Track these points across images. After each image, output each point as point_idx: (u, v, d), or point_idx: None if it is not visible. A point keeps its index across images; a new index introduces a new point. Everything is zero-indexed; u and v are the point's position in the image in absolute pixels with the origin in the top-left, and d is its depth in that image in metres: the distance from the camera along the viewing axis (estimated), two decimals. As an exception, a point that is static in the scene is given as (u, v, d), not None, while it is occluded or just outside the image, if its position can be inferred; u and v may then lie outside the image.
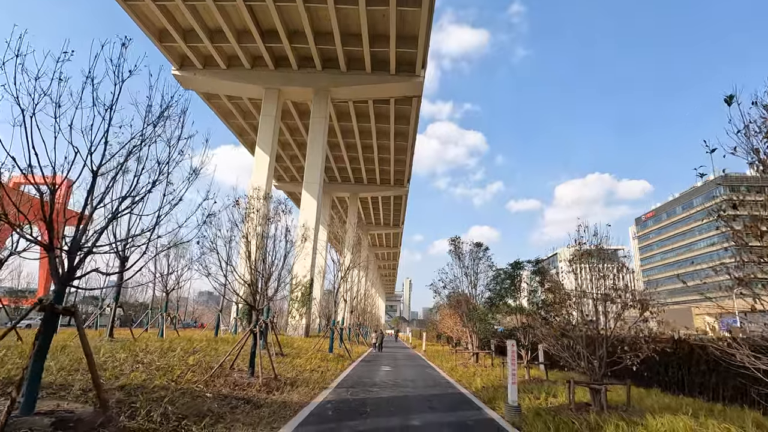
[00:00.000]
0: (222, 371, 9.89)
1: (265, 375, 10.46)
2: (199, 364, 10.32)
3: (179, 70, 31.62)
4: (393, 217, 63.54)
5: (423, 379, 13.28)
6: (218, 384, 8.66)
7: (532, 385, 11.50)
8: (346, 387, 10.94)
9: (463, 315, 17.40)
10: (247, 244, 9.91)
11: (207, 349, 13.15)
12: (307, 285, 29.26)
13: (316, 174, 31.61)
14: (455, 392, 10.99)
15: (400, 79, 31.26)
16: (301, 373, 12.09)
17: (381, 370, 15.66)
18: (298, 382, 10.73)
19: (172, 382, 8.02)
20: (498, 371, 14.60)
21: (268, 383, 9.49)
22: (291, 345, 20.52)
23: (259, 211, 10.35)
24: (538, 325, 9.74)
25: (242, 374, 9.98)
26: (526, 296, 12.82)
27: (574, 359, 8.83)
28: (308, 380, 11.04)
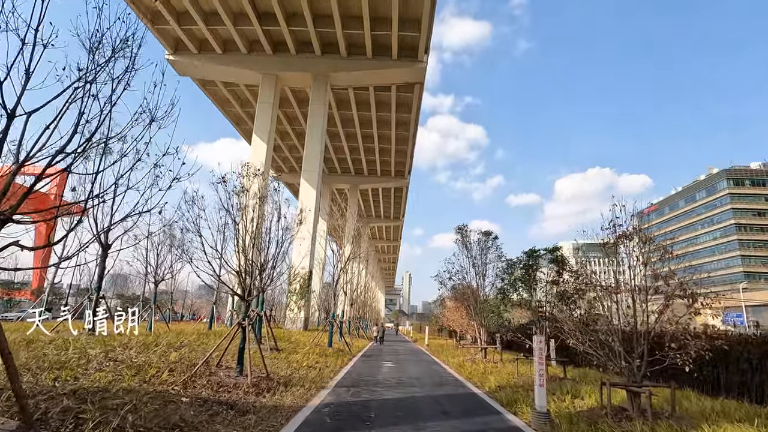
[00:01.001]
0: (206, 369, 8.70)
1: (256, 373, 9.27)
2: (182, 361, 9.13)
3: (173, 54, 30.23)
4: (393, 210, 62.29)
5: (430, 377, 12.11)
6: (199, 385, 7.46)
7: (551, 384, 10.31)
8: (347, 386, 9.76)
9: (471, 307, 16.22)
10: (234, 226, 8.68)
11: (195, 344, 11.97)
12: (305, 277, 28.08)
13: (315, 162, 30.33)
14: (467, 393, 9.81)
15: (402, 65, 29.91)
16: (297, 371, 10.90)
17: (384, 366, 14.49)
18: (293, 381, 9.54)
19: (143, 383, 6.82)
20: (510, 368, 13.43)
21: (259, 383, 8.29)
22: (288, 339, 19.36)
23: (248, 190, 9.11)
24: (563, 319, 8.51)
25: (230, 373, 8.78)
26: (543, 287, 11.64)
27: (609, 357, 7.63)
28: (304, 379, 9.86)
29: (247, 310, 8.80)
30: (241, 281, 8.76)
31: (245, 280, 8.78)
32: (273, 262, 10.21)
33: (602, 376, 11.48)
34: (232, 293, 8.97)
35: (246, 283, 8.81)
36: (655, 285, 7.41)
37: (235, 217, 8.70)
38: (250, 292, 8.90)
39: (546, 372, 11.44)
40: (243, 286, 8.79)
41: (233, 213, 8.63)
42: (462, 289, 17.99)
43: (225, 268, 9.26)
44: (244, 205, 8.90)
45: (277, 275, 15.08)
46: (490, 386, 10.24)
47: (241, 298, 8.86)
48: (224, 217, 8.80)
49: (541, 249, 11.93)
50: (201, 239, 8.31)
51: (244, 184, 9.21)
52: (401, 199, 57.80)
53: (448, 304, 23.42)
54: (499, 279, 12.54)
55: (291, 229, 14.60)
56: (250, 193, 9.24)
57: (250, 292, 8.85)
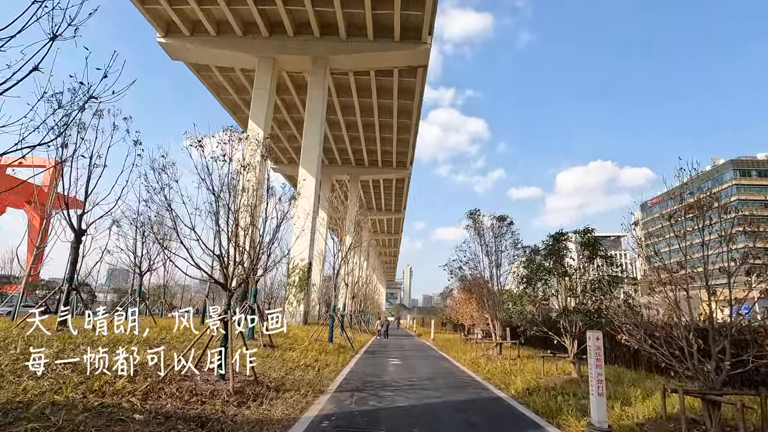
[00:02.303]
0: (180, 373, 7.16)
1: (241, 377, 7.73)
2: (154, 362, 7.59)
3: (165, 37, 28.53)
4: (395, 202, 60.65)
5: (443, 377, 10.58)
6: (166, 394, 5.91)
7: (586, 386, 8.77)
8: (350, 390, 8.21)
9: (484, 299, 14.70)
10: (215, 201, 7.10)
11: (179, 341, 10.42)
12: (304, 269, 26.55)
13: (314, 150, 28.70)
14: (491, 397, 8.27)
15: (405, 47, 28.21)
16: (292, 371, 9.36)
17: (390, 364, 12.96)
18: (287, 384, 8.00)
19: (90, 393, 5.27)
20: (532, 366, 11.90)
21: (243, 389, 6.75)
22: (286, 334, 17.82)
23: (230, 159, 7.51)
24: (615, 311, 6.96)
25: (210, 376, 7.24)
26: (574, 273, 10.08)
27: (677, 358, 6.08)
28: (300, 382, 8.32)
29: (230, 301, 7.23)
30: (223, 267, 7.18)
31: (227, 266, 7.21)
32: (261, 245, 8.66)
33: (646, 377, 9.96)
34: (211, 280, 7.40)
35: (228, 269, 7.24)
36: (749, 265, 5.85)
37: (214, 189, 7.11)
38: (234, 280, 7.33)
39: (578, 371, 9.92)
40: (224, 272, 7.22)
41: (209, 183, 7.05)
42: (474, 280, 16.45)
43: (206, 252, 7.68)
44: (228, 174, 7.32)
45: (272, 263, 13.56)
46: (516, 389, 8.69)
47: (222, 287, 7.29)
48: (200, 185, 7.21)
49: (570, 231, 10.39)
50: (172, 215, 6.73)
51: (225, 151, 7.62)
52: (403, 191, 56.15)
53: (457, 295, 21.88)
54: (522, 266, 11.00)
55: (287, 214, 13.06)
56: (233, 162, 7.65)
57: (233, 280, 7.28)
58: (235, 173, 7.64)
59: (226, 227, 7.34)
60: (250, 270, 7.64)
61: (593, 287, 9.51)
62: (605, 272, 9.82)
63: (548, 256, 10.41)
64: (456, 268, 16.23)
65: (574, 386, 8.85)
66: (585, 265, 10.11)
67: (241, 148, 7.72)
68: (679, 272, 6.44)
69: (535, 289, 10.53)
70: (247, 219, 7.98)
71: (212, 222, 7.23)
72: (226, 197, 7.38)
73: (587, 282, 9.83)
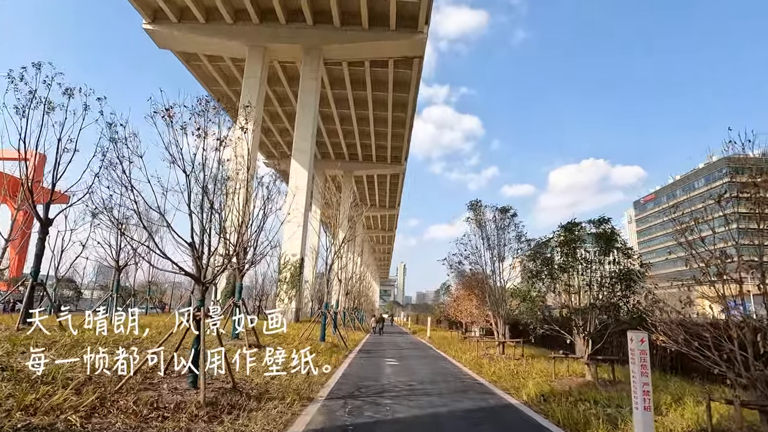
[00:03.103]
0: (145, 379, 6.12)
1: (219, 383, 6.69)
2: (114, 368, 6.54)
3: (152, 24, 27.26)
4: (389, 198, 59.64)
5: (445, 380, 9.60)
6: (120, 408, 4.85)
7: (609, 391, 7.84)
8: (342, 397, 7.20)
9: (487, 295, 13.78)
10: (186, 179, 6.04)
11: (153, 341, 9.36)
12: (296, 264, 25.50)
13: (307, 142, 27.62)
14: (502, 404, 7.30)
15: (401, 36, 27.20)
16: (278, 376, 8.32)
17: (386, 365, 11.97)
18: (271, 391, 6.98)
19: (18, 410, 4.21)
20: (540, 367, 10.97)
21: (217, 399, 5.71)
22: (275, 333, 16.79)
23: (205, 133, 6.45)
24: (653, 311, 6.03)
25: (180, 383, 6.20)
26: (588, 267, 9.14)
27: (726, 363, 5.14)
28: (286, 387, 7.30)
29: (204, 296, 6.18)
30: (195, 256, 6.13)
31: (200, 256, 6.15)
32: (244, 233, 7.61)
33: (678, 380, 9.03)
34: (180, 272, 6.35)
35: (202, 260, 6.18)
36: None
37: (184, 166, 6.05)
38: (217, 271, 6.29)
39: (593, 373, 8.98)
40: (197, 263, 6.17)
41: (177, 157, 5.98)
42: (474, 276, 15.51)
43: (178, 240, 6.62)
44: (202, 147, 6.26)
45: (258, 256, 12.50)
46: (528, 394, 7.73)
47: (195, 281, 6.24)
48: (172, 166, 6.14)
49: (584, 221, 9.46)
50: (133, 194, 5.66)
51: (200, 124, 6.56)
52: (397, 187, 55.14)
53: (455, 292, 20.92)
54: (531, 260, 10.07)
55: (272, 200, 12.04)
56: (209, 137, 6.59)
57: (207, 272, 6.23)
58: (210, 149, 6.58)
59: (201, 212, 6.29)
60: (228, 260, 6.59)
61: (613, 281, 8.57)
62: (623, 265, 8.89)
63: (560, 248, 9.45)
64: (456, 263, 15.31)
65: (593, 391, 7.91)
66: (600, 258, 9.17)
67: (217, 120, 6.66)
68: (732, 261, 5.49)
69: (544, 283, 9.58)
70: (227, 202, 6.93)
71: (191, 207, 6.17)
72: (201, 177, 6.33)
73: (605, 276, 8.90)
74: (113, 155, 5.79)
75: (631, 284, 8.38)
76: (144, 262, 18.92)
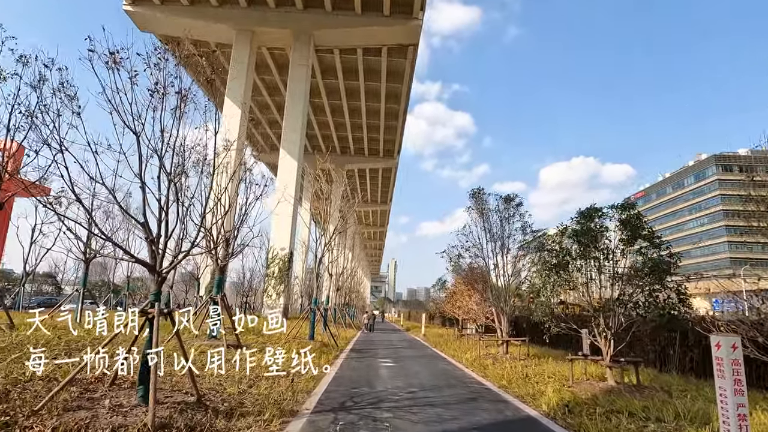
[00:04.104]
0: (84, 392, 4.85)
1: (180, 395, 5.44)
2: (49, 378, 5.27)
3: (132, 5, 25.67)
4: (381, 193, 58.34)
5: (448, 385, 8.43)
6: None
7: (638, 398, 6.73)
8: (332, 410, 5.98)
9: (489, 291, 12.65)
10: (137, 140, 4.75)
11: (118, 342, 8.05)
12: (285, 259, 24.18)
13: (296, 131, 26.27)
14: (521, 418, 6.13)
15: (395, 22, 25.90)
16: (258, 382, 7.09)
17: (381, 366, 10.78)
18: (246, 404, 5.74)
19: None
20: (552, 369, 9.87)
21: (172, 420, 4.45)
22: (260, 331, 15.49)
23: (163, 88, 5.18)
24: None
25: (128, 399, 4.92)
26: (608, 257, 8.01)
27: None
28: (265, 398, 6.06)
29: (159, 289, 4.91)
30: (148, 239, 4.85)
31: (154, 239, 4.88)
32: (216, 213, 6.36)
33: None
34: (130, 259, 5.07)
35: (157, 243, 4.91)
36: None
37: (134, 126, 4.76)
38: (165, 259, 5.00)
39: (619, 379, 7.87)
40: (151, 247, 4.89)
41: (122, 112, 4.69)
42: (472, 271, 14.37)
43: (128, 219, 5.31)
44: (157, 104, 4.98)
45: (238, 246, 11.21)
46: (549, 404, 6.59)
47: (148, 269, 4.95)
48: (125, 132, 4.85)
49: (605, 207, 8.34)
50: (63, 157, 4.36)
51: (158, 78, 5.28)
52: (389, 182, 53.86)
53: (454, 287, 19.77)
54: (546, 252, 8.94)
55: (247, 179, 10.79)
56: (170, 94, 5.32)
57: (164, 259, 4.95)
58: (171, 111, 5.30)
59: (159, 183, 5.01)
60: (194, 245, 5.30)
61: (642, 273, 7.46)
62: (649, 255, 7.79)
63: (578, 237, 8.31)
64: (455, 256, 14.15)
65: (621, 399, 6.80)
66: (624, 248, 8.05)
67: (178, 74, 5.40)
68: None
69: (561, 277, 8.44)
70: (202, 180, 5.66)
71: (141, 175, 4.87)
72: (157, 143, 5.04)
73: (632, 268, 7.79)
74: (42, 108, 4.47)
75: (664, 277, 7.28)
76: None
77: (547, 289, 8.58)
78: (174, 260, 5.07)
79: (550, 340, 15.90)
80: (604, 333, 7.94)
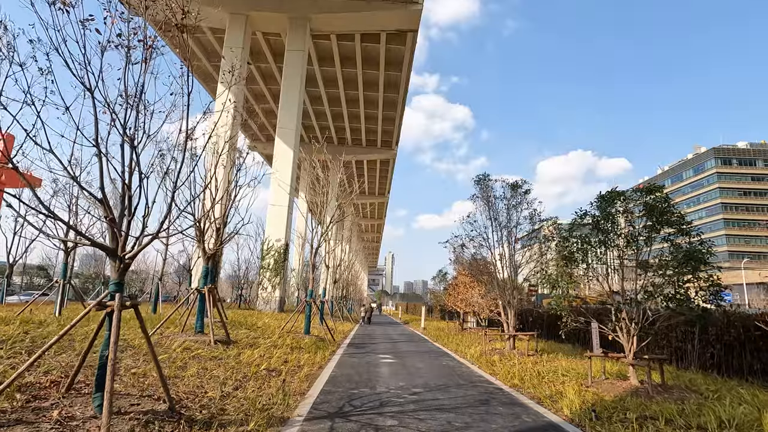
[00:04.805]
0: (31, 401, 4.03)
1: (150, 402, 4.63)
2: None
3: (121, -13, 24.43)
4: (378, 185, 57.51)
5: (456, 384, 7.67)
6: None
7: (668, 400, 5.98)
8: (328, 416, 5.20)
9: (495, 282, 11.87)
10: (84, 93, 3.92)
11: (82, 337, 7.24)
12: (280, 250, 23.36)
13: (292, 119, 25.34)
14: (545, 425, 5.36)
15: (394, 6, 24.94)
16: (244, 383, 6.30)
17: (381, 363, 10.01)
18: (229, 410, 4.95)
19: None
20: (563, 365, 9.15)
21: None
22: (254, 324, 14.72)
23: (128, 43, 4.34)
24: None
25: (87, 407, 4.12)
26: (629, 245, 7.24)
27: None
28: (251, 404, 5.27)
29: (122, 278, 4.08)
30: (107, 218, 4.02)
31: (115, 218, 4.04)
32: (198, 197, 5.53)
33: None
34: (86, 243, 4.25)
35: (119, 224, 4.08)
36: None
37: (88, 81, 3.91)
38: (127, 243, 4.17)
39: (646, 379, 7.13)
40: (111, 227, 4.06)
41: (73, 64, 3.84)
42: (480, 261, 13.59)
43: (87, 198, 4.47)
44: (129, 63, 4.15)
45: (226, 235, 10.37)
46: (572, 407, 5.84)
47: (108, 254, 4.12)
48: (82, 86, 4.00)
49: (628, 190, 7.55)
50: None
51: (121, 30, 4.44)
52: (387, 173, 53.02)
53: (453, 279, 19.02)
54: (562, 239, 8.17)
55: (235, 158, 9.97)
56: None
57: (126, 242, 4.11)
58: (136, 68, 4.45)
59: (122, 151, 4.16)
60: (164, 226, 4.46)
61: (676, 262, 6.68)
62: (680, 243, 7.02)
63: (599, 222, 7.53)
64: (458, 245, 13.37)
65: (650, 402, 6.06)
66: (648, 235, 7.27)
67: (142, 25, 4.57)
68: None
69: (579, 267, 7.68)
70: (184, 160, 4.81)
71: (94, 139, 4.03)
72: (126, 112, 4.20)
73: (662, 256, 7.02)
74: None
75: (698, 267, 6.52)
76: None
77: (564, 280, 7.82)
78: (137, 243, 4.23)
79: (556, 335, 15.27)
80: (626, 328, 7.18)
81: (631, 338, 7.21)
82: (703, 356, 9.82)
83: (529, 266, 11.97)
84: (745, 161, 70.43)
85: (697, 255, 6.48)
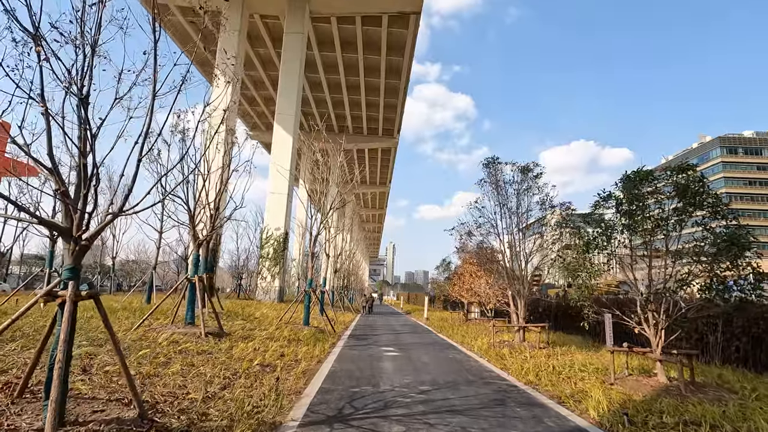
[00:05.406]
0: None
1: (116, 408, 3.98)
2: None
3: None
4: (380, 174, 56.68)
5: (466, 381, 7.03)
6: None
7: (703, 401, 5.33)
8: (326, 420, 4.55)
9: (504, 272, 11.22)
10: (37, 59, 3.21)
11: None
12: (280, 239, 22.72)
13: (291, 104, 24.55)
14: (568, 429, 4.72)
15: (397, -13, 23.99)
16: (233, 381, 5.66)
17: (384, 356, 9.38)
18: (211, 416, 4.30)
19: None
20: (579, 359, 8.51)
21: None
22: (251, 315, 14.13)
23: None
24: None
25: (39, 416, 3.47)
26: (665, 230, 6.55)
27: None
28: (238, 407, 4.62)
29: (78, 263, 3.40)
30: (59, 191, 3.32)
31: (69, 193, 3.35)
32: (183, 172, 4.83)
33: None
34: (32, 220, 3.57)
35: (74, 199, 3.39)
36: None
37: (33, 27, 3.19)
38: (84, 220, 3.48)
39: (680, 376, 6.47)
40: (65, 203, 3.37)
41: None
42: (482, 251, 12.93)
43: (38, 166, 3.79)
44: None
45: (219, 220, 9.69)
46: (599, 410, 5.19)
47: (62, 234, 3.43)
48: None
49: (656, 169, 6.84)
50: None
51: None
52: (389, 162, 52.17)
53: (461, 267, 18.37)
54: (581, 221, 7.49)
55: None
56: None
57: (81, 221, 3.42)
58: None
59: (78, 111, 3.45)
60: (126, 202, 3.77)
61: (715, 249, 5.97)
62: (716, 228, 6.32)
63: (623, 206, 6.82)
64: (465, 233, 12.69)
65: (685, 402, 5.42)
66: (679, 218, 6.56)
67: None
68: None
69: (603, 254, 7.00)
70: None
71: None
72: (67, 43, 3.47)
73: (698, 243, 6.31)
74: None
75: (741, 254, 5.82)
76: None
77: (585, 268, 7.14)
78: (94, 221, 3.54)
79: (565, 326, 14.64)
80: (654, 320, 6.51)
81: (659, 331, 6.54)
82: (727, 350, 9.19)
83: (540, 254, 11.29)
84: (751, 150, 69.33)
85: (740, 240, 5.78)
